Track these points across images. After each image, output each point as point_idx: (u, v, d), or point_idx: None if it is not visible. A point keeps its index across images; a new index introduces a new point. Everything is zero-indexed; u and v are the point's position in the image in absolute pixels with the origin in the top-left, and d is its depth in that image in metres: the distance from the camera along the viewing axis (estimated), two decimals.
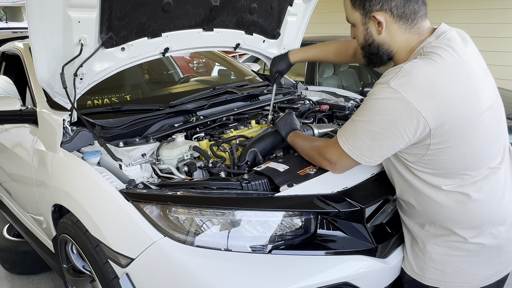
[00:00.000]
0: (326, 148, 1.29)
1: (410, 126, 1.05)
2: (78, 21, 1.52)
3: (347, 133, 1.17)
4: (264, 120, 2.08)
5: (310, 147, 1.41)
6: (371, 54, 1.23)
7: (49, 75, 1.61)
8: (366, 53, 1.25)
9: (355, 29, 1.24)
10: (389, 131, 1.07)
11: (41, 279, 2.55)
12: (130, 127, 1.81)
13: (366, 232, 1.29)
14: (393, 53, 1.20)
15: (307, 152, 1.43)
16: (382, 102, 1.07)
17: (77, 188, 1.51)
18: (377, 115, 1.08)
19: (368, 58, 1.25)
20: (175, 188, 1.34)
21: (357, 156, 1.16)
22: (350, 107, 2.28)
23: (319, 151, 1.34)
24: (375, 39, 1.19)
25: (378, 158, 1.15)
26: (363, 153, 1.14)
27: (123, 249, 1.31)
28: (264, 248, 1.25)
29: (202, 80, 3.21)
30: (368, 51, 1.23)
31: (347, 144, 1.17)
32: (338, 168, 1.28)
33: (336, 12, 7.24)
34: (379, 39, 1.18)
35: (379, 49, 1.20)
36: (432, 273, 1.22)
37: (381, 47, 1.19)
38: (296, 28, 2.51)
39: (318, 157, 1.35)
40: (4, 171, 2.45)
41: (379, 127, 1.08)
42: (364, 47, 1.24)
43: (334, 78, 4.29)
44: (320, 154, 1.33)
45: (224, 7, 1.97)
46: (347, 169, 1.29)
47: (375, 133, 1.10)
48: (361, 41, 1.24)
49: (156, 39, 1.87)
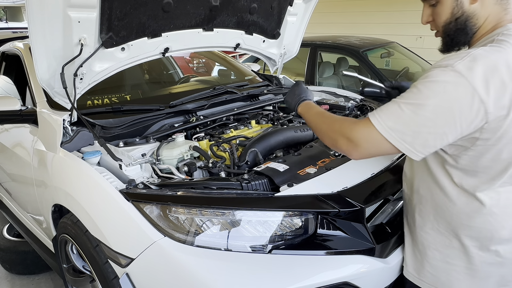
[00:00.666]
0: (351, 125, 1.10)
1: (468, 115, 0.95)
2: (78, 21, 1.52)
3: (386, 114, 1.03)
4: (264, 120, 2.08)
5: (325, 120, 1.21)
6: (457, 30, 1.10)
7: (49, 75, 1.61)
8: (450, 30, 1.11)
9: (438, 7, 1.12)
10: (443, 118, 0.97)
11: (41, 279, 2.55)
12: (130, 127, 1.81)
13: (366, 232, 1.29)
14: (477, 29, 1.09)
15: (320, 126, 1.23)
16: (441, 85, 0.96)
17: (77, 188, 1.51)
18: (432, 99, 0.96)
19: (451, 38, 1.13)
20: (175, 188, 1.34)
21: (396, 140, 1.01)
22: (350, 107, 2.29)
23: (339, 127, 1.13)
24: (466, 10, 1.07)
25: (420, 147, 1.01)
26: (405, 138, 1.00)
27: (123, 249, 1.31)
28: (264, 248, 1.25)
29: (202, 80, 3.21)
30: (452, 28, 1.11)
31: (384, 125, 1.02)
32: (360, 150, 1.07)
33: (336, 12, 7.26)
34: (470, 9, 1.07)
35: (466, 24, 1.09)
36: (427, 277, 1.22)
37: (469, 20, 1.08)
38: (296, 28, 2.51)
39: (334, 133, 1.14)
40: (4, 171, 2.45)
41: (432, 112, 0.97)
42: (449, 25, 1.11)
43: (334, 78, 4.29)
44: (339, 130, 1.12)
45: (224, 7, 1.97)
46: (369, 155, 1.09)
47: (425, 119, 0.97)
48: (445, 18, 1.11)
49: (156, 39, 1.87)
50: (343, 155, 1.58)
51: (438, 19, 1.13)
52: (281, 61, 2.67)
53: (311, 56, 4.29)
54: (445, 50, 1.16)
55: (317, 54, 4.28)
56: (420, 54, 4.56)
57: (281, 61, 2.67)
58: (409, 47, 4.61)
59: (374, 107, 2.27)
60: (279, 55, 2.63)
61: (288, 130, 1.77)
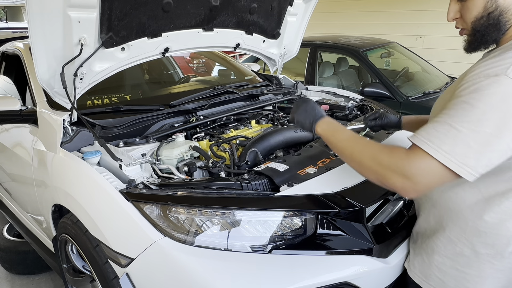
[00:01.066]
0: (402, 159, 0.95)
1: None
2: (78, 21, 1.52)
3: (439, 138, 0.91)
4: (264, 120, 2.08)
5: (365, 150, 1.05)
6: (488, 26, 1.01)
7: (49, 75, 1.61)
8: (481, 26, 1.02)
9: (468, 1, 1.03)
10: (506, 131, 0.88)
11: (41, 279, 2.55)
12: (130, 127, 1.81)
13: (366, 232, 1.29)
14: (510, 25, 1.01)
15: (357, 156, 1.06)
16: (499, 96, 0.87)
17: (77, 188, 1.51)
18: (492, 112, 0.87)
19: (481, 34, 1.03)
20: (175, 188, 1.34)
21: (457, 166, 0.89)
22: (350, 107, 2.29)
23: (388, 161, 0.97)
24: (500, 4, 0.99)
25: (484, 168, 0.90)
26: (467, 161, 0.89)
27: (123, 249, 1.31)
28: (264, 248, 1.25)
29: (202, 80, 3.21)
30: (484, 23, 1.02)
31: (441, 151, 0.89)
32: (420, 187, 0.93)
33: (336, 12, 7.26)
34: (505, 3, 0.99)
35: (499, 19, 1.00)
36: (434, 281, 1.18)
37: (503, 15, 0.99)
38: (296, 28, 2.51)
39: (382, 168, 0.98)
40: (4, 171, 2.45)
41: (495, 127, 0.87)
42: (479, 20, 1.02)
43: (334, 78, 4.29)
44: (388, 165, 0.97)
45: (224, 7, 1.97)
46: (433, 187, 0.96)
47: (488, 136, 0.88)
48: (477, 12, 1.02)
49: (156, 39, 1.87)
50: None
51: (468, 14, 1.04)
52: (281, 61, 2.67)
53: (311, 56, 4.29)
54: (471, 49, 1.07)
55: (317, 54, 4.29)
56: (420, 54, 4.56)
57: (281, 61, 2.67)
58: (409, 47, 4.61)
59: (374, 107, 2.27)
60: (279, 55, 2.63)
61: (288, 130, 1.77)
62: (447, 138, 0.90)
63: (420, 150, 0.92)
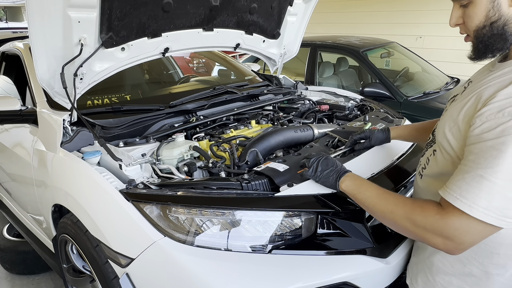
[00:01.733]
0: (438, 220, 0.91)
1: None
2: (78, 21, 1.52)
3: (474, 193, 0.85)
4: (264, 120, 2.08)
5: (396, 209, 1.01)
6: (492, 36, 0.96)
7: (49, 75, 1.61)
8: (484, 36, 0.97)
9: (469, 8, 0.98)
10: None
11: (41, 279, 2.55)
12: (130, 127, 1.81)
13: (366, 231, 1.29)
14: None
15: (390, 217, 1.03)
16: None
17: (77, 188, 1.51)
18: None
19: (485, 45, 0.98)
20: (175, 188, 1.34)
21: (498, 220, 0.84)
22: (350, 107, 2.29)
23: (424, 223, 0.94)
24: (504, 13, 0.93)
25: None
26: (507, 213, 0.83)
27: (123, 249, 1.31)
28: (264, 248, 1.25)
29: (202, 80, 3.21)
30: (487, 33, 0.96)
31: (477, 207, 0.84)
32: (464, 246, 0.90)
33: (336, 12, 7.26)
34: (510, 13, 0.93)
35: (505, 29, 0.94)
36: None
37: (508, 25, 0.94)
38: (296, 28, 2.52)
39: (420, 230, 0.95)
40: (4, 171, 2.45)
41: None
42: (482, 29, 0.97)
43: (334, 78, 4.30)
44: (424, 227, 0.94)
45: (224, 7, 1.97)
46: (478, 242, 0.92)
47: None
48: (478, 21, 0.97)
49: (156, 39, 1.87)
50: (342, 155, 1.58)
51: (470, 22, 0.99)
52: (281, 61, 2.67)
53: (311, 56, 4.29)
54: (476, 58, 1.02)
55: (317, 54, 4.29)
56: (420, 54, 4.56)
57: (281, 61, 2.67)
58: (409, 47, 4.62)
59: (374, 107, 2.27)
60: (279, 55, 2.63)
61: (288, 130, 1.77)
62: (481, 192, 0.84)
63: (454, 208, 0.87)
